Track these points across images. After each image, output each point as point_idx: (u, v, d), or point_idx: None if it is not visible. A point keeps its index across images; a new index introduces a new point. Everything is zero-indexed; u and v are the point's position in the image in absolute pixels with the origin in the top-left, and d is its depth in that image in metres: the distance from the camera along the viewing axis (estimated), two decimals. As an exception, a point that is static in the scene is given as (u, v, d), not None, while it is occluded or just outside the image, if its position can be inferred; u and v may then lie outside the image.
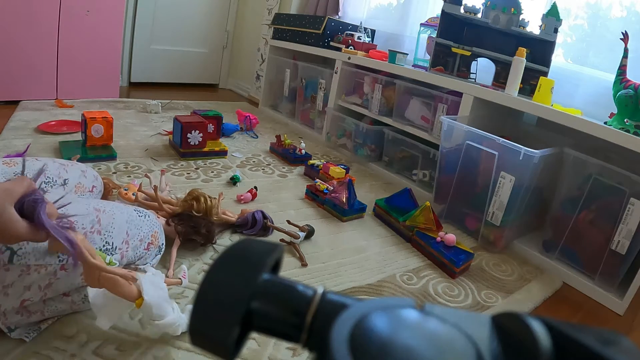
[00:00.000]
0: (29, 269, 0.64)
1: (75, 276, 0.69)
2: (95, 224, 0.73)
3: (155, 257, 0.86)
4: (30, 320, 0.71)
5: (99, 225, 0.74)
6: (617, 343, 0.19)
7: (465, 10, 1.59)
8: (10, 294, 0.63)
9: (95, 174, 1.03)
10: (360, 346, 0.18)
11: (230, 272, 0.24)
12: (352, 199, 1.39)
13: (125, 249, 0.77)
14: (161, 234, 0.89)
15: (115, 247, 0.75)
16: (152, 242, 0.85)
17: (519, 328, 0.20)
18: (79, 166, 0.98)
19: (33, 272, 0.64)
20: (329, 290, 0.24)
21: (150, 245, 0.84)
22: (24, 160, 0.72)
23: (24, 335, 0.70)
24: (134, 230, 0.81)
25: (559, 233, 1.30)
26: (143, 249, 0.82)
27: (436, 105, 1.69)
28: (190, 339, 0.23)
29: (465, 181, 1.43)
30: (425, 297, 1.05)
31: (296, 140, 2.10)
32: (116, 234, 0.76)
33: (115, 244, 0.75)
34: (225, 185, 1.49)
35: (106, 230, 0.75)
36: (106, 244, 0.74)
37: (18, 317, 0.69)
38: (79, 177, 0.95)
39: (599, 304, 1.19)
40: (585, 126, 1.21)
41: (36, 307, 0.71)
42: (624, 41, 1.26)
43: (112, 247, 0.75)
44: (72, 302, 0.74)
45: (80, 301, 0.75)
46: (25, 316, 0.70)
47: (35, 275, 0.65)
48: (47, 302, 0.72)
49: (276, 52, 2.67)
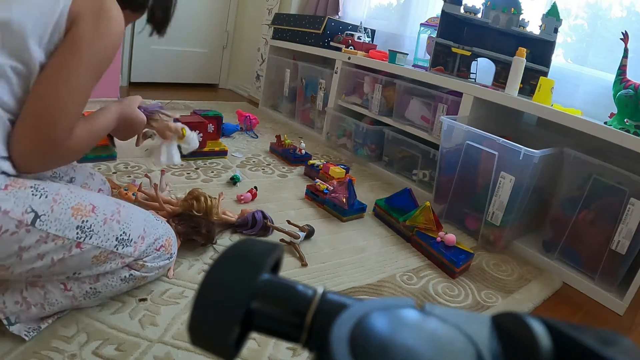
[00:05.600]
0: (47, 236, 0.65)
1: (87, 258, 0.71)
2: (115, 213, 0.76)
3: (162, 261, 0.86)
4: (30, 313, 0.71)
5: (119, 216, 0.77)
6: (617, 343, 0.19)
7: (465, 10, 1.59)
8: (24, 258, 0.65)
9: (103, 179, 1.06)
10: (360, 346, 0.18)
11: (230, 272, 0.24)
12: (352, 199, 1.39)
13: (140, 243, 0.79)
14: (174, 243, 0.90)
15: (131, 239, 0.77)
16: (164, 245, 0.85)
17: (519, 328, 0.20)
18: (88, 168, 1.03)
19: (50, 242, 0.66)
20: (329, 290, 0.24)
21: (162, 247, 0.85)
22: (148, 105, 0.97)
23: (23, 332, 0.70)
24: (151, 229, 0.83)
25: (559, 233, 1.30)
26: (154, 249, 0.83)
27: (436, 105, 1.69)
28: (190, 339, 0.23)
29: (465, 181, 1.43)
30: (425, 297, 1.05)
31: (296, 140, 2.10)
32: (134, 227, 0.79)
33: (132, 236, 0.77)
34: (225, 185, 1.49)
35: (125, 221, 0.77)
36: (123, 234, 0.76)
37: (17, 307, 0.70)
38: (85, 178, 0.98)
39: (599, 304, 1.19)
40: (585, 126, 1.21)
41: (36, 299, 0.71)
42: (624, 41, 1.26)
43: (129, 239, 0.77)
44: (73, 298, 0.75)
45: (81, 297, 0.75)
46: (25, 307, 0.71)
47: (51, 245, 0.66)
48: (48, 295, 0.72)
49: (276, 52, 2.67)
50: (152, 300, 0.85)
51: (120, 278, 0.79)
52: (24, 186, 0.64)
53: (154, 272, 0.85)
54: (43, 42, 0.65)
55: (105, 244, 0.73)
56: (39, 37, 0.64)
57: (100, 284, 0.77)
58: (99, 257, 0.73)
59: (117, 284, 0.79)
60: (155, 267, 0.84)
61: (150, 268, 0.83)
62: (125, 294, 0.85)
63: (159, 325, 0.79)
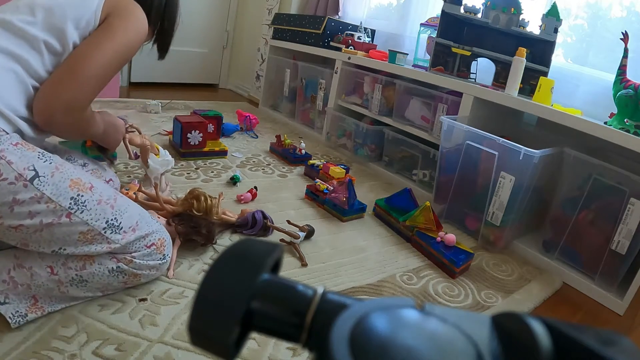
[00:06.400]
0: (41, 197, 0.68)
1: (74, 232, 0.73)
2: (111, 199, 0.79)
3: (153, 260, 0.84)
4: (17, 292, 0.72)
5: (114, 202, 0.79)
6: (617, 343, 0.19)
7: (465, 10, 1.59)
8: (15, 211, 0.67)
9: (114, 173, 1.09)
10: (360, 346, 0.18)
11: (230, 272, 0.24)
12: (352, 199, 1.39)
13: (130, 234, 0.80)
14: (169, 245, 0.88)
15: (121, 227, 0.78)
16: (155, 244, 0.84)
17: (519, 328, 0.20)
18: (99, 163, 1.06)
19: (43, 203, 0.69)
20: (329, 290, 0.24)
21: (152, 245, 0.84)
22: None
23: (9, 314, 0.71)
24: (143, 224, 0.83)
25: (559, 233, 1.30)
26: (144, 245, 0.82)
27: (436, 105, 1.69)
28: (190, 339, 0.23)
29: (465, 181, 1.43)
30: (425, 297, 1.05)
31: (296, 140, 2.10)
32: (127, 217, 0.80)
33: (122, 224, 0.79)
34: (225, 185, 1.49)
35: (119, 209, 0.79)
36: (114, 220, 0.77)
37: (5, 285, 0.72)
38: (98, 167, 1.03)
39: (599, 304, 1.19)
40: (585, 126, 1.21)
41: (23, 279, 0.73)
42: (624, 41, 1.26)
43: (119, 226, 0.78)
44: (59, 282, 0.75)
45: (67, 283, 0.75)
46: (12, 285, 0.72)
47: (43, 206, 0.69)
48: (34, 276, 0.73)
49: (276, 52, 2.67)
50: (152, 300, 0.85)
51: (108, 269, 0.78)
52: (33, 149, 0.71)
53: (144, 270, 0.83)
54: (80, 26, 0.77)
55: (94, 223, 0.74)
56: (77, 21, 0.77)
57: (87, 272, 0.76)
58: (86, 234, 0.74)
59: (105, 275, 0.78)
60: (145, 265, 0.83)
61: (139, 265, 0.81)
62: (125, 294, 0.84)
63: (159, 325, 0.79)
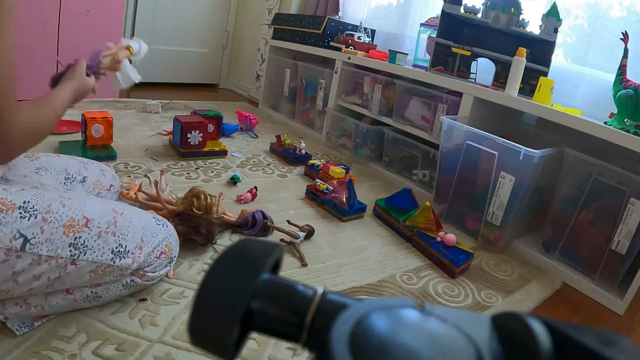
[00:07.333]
0: (39, 258, 0.65)
1: (84, 273, 0.71)
2: (111, 225, 0.75)
3: (164, 267, 0.85)
4: (29, 314, 0.71)
5: (115, 227, 0.75)
6: (617, 343, 0.19)
7: (465, 10, 1.59)
8: (20, 282, 0.65)
9: (113, 174, 1.08)
10: (360, 346, 0.18)
11: (230, 272, 0.24)
12: (352, 199, 1.39)
13: (138, 254, 0.78)
14: (175, 246, 0.88)
15: (127, 250, 0.76)
16: (164, 251, 0.84)
17: (519, 328, 0.20)
18: (99, 165, 1.03)
19: (43, 263, 0.66)
20: (329, 290, 0.24)
21: (162, 254, 0.83)
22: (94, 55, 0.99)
23: (15, 327, 0.70)
24: (149, 237, 0.81)
25: (559, 233, 1.30)
26: (155, 257, 0.82)
27: (436, 105, 1.69)
28: (190, 339, 0.23)
29: (465, 181, 1.43)
30: (425, 297, 1.05)
31: (296, 140, 2.10)
32: (130, 237, 0.77)
33: (128, 247, 0.76)
34: (225, 185, 1.49)
35: (121, 232, 0.76)
36: (119, 246, 0.75)
37: (17, 308, 0.70)
38: (98, 175, 1.00)
39: (599, 304, 1.19)
40: (585, 126, 1.21)
41: (37, 301, 0.71)
42: (624, 41, 1.26)
43: (125, 250, 0.76)
44: (73, 300, 0.75)
45: (82, 300, 0.75)
46: (25, 309, 0.71)
47: (45, 265, 0.66)
48: (49, 297, 0.72)
49: (276, 52, 2.67)
50: (152, 300, 0.85)
51: (122, 284, 0.79)
52: (12, 208, 0.63)
53: (156, 279, 0.85)
54: None
55: (101, 259, 0.72)
56: None
57: (102, 289, 0.77)
58: (96, 271, 0.72)
59: (119, 289, 0.79)
60: (157, 276, 0.84)
61: (151, 277, 0.83)
62: (125, 294, 0.85)
63: (159, 325, 0.79)
